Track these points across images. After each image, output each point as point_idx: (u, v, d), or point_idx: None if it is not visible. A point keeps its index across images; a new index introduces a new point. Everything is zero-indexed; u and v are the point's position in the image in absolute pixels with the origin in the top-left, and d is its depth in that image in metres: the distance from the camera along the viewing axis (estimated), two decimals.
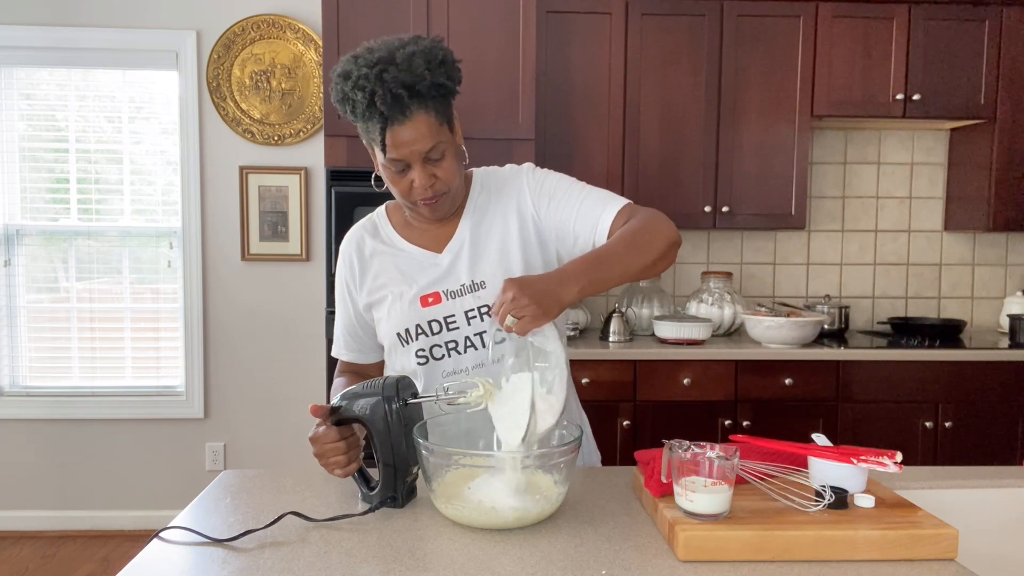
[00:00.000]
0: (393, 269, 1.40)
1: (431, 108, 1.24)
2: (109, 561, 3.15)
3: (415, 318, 1.35)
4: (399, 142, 1.23)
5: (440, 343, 1.35)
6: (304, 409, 3.65)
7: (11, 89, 3.39)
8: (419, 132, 1.23)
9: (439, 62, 1.24)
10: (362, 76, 1.20)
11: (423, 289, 1.36)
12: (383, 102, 1.18)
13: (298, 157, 3.39)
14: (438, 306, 1.35)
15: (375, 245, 1.43)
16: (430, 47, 1.24)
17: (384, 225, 1.46)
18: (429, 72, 1.21)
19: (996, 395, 2.92)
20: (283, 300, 3.43)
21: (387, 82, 1.18)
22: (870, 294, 3.55)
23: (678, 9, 3.06)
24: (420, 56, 1.21)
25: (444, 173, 1.29)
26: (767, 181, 3.14)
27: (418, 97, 1.21)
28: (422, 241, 1.41)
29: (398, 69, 1.19)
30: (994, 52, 3.10)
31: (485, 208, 1.40)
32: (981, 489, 1.30)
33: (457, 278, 1.36)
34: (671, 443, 1.08)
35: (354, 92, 1.20)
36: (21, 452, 3.45)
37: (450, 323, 1.35)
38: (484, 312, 1.34)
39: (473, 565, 0.98)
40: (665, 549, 1.03)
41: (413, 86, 1.20)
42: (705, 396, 2.88)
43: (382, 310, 1.39)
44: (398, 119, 1.21)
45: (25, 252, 3.46)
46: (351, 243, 1.46)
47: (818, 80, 3.09)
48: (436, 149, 1.26)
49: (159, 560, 1.01)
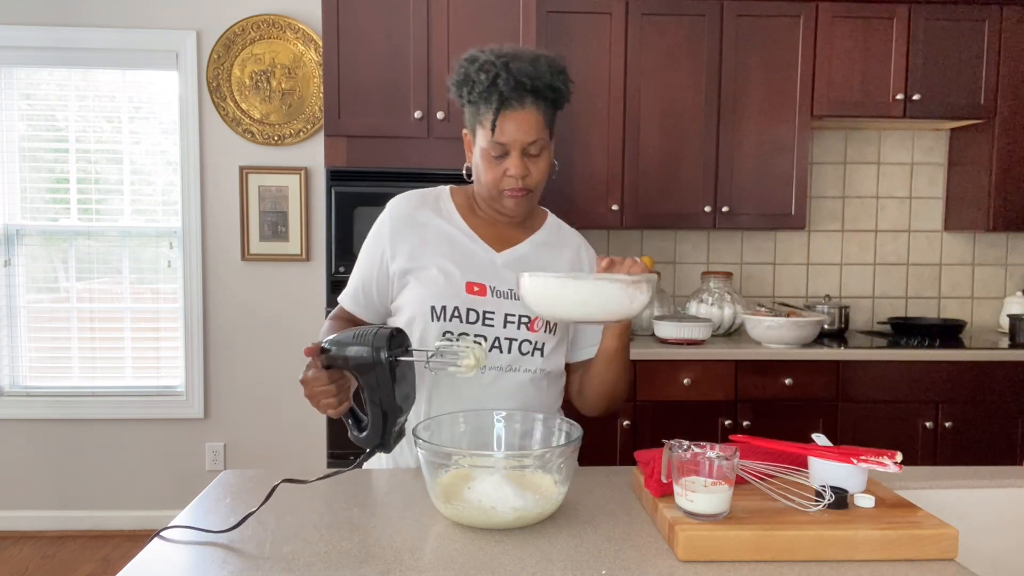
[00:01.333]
0: (445, 244, 1.41)
1: (542, 107, 1.33)
2: (109, 561, 3.15)
3: (456, 300, 1.36)
4: (508, 127, 1.31)
5: (470, 333, 1.36)
6: (304, 409, 3.67)
7: (11, 89, 3.39)
8: (528, 123, 1.31)
9: (559, 71, 1.34)
10: (488, 62, 1.30)
11: (472, 276, 1.38)
12: (505, 84, 1.28)
13: (298, 157, 3.39)
14: (482, 298, 1.37)
15: (430, 216, 1.44)
16: (554, 58, 1.34)
17: (446, 202, 1.47)
18: (550, 75, 1.31)
19: (996, 395, 2.92)
20: (283, 300, 3.44)
21: (512, 71, 1.29)
22: (870, 294, 3.55)
23: (678, 9, 3.06)
24: (544, 60, 1.32)
25: (536, 171, 1.36)
26: (767, 181, 3.14)
27: (535, 92, 1.31)
28: (483, 232, 1.43)
29: (522, 63, 1.30)
30: (994, 52, 3.10)
31: (551, 244, 1.48)
32: (981, 489, 1.30)
33: (507, 281, 1.39)
34: (671, 443, 1.08)
35: (478, 73, 1.30)
36: (21, 452, 3.45)
37: (488, 318, 1.36)
38: (524, 322, 1.37)
39: (473, 565, 0.98)
40: (665, 549, 1.03)
41: (534, 80, 1.30)
42: (705, 396, 2.88)
43: (420, 279, 1.38)
44: (513, 105, 1.30)
45: (25, 252, 3.46)
46: (403, 206, 1.45)
47: (818, 80, 3.09)
48: (536, 145, 1.33)
49: (159, 560, 1.01)
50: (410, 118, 2.82)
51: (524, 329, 1.37)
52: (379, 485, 1.29)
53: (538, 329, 1.38)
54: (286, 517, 1.14)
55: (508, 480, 1.10)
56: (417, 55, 2.81)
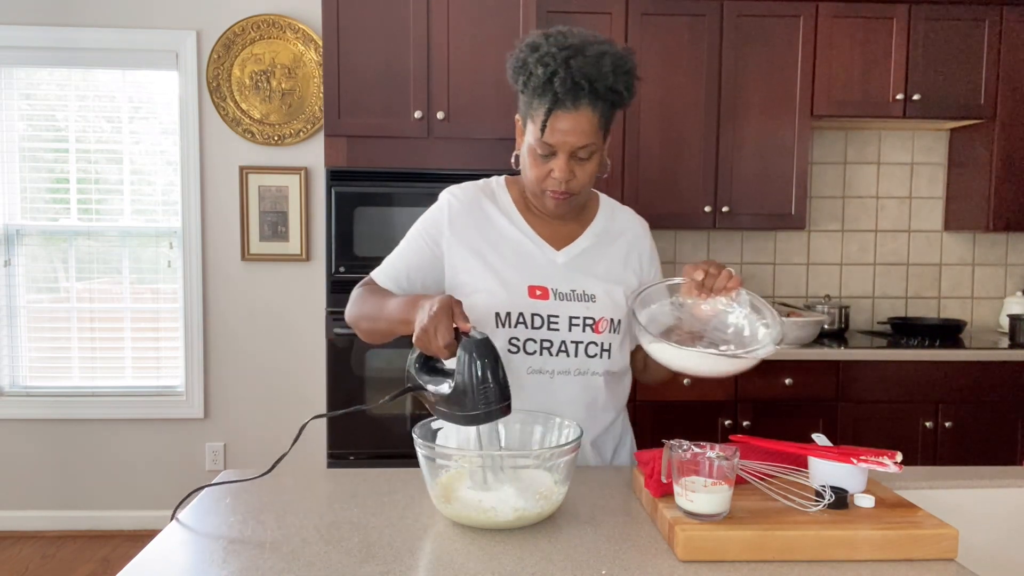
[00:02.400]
0: (505, 245, 1.37)
1: (599, 109, 1.26)
2: (109, 561, 3.15)
3: (519, 306, 1.33)
4: (558, 128, 1.25)
5: (536, 338, 1.34)
6: (303, 409, 3.66)
7: (11, 89, 3.39)
8: (580, 126, 1.25)
9: (624, 71, 1.26)
10: (549, 54, 1.23)
11: (534, 280, 1.35)
12: (561, 84, 1.21)
13: (298, 157, 3.39)
14: (545, 302, 1.34)
15: (492, 209, 1.40)
16: (621, 54, 1.26)
17: (503, 195, 1.43)
18: (613, 75, 1.24)
19: (996, 395, 2.92)
20: (283, 300, 3.44)
21: (572, 68, 1.21)
22: (870, 294, 3.55)
23: (678, 9, 3.05)
24: (609, 58, 1.24)
25: (583, 175, 1.31)
26: (767, 181, 3.14)
27: (593, 93, 1.23)
28: (541, 230, 1.40)
29: (585, 60, 1.22)
30: (994, 52, 3.10)
31: (611, 230, 1.44)
32: (981, 489, 1.30)
33: (568, 282, 1.36)
34: (671, 443, 1.08)
35: (536, 66, 1.24)
36: (21, 452, 3.45)
37: (552, 322, 1.34)
38: (589, 324, 1.35)
39: (473, 565, 0.98)
40: (665, 549, 1.03)
41: (593, 81, 1.22)
42: (705, 396, 2.88)
43: (483, 281, 1.35)
44: (567, 106, 1.23)
45: (25, 252, 3.46)
46: (462, 196, 1.41)
47: (818, 80, 3.09)
48: (586, 149, 1.27)
49: (159, 560, 1.01)
50: (410, 118, 2.82)
51: (590, 331, 1.35)
52: (379, 485, 1.29)
53: (603, 331, 1.36)
54: (286, 517, 1.14)
55: (508, 480, 1.10)
56: (417, 55, 2.81)
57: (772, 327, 1.23)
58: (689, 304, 1.28)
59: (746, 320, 1.26)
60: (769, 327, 1.24)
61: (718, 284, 1.24)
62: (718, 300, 1.27)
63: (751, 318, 1.27)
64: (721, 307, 1.28)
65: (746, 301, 1.27)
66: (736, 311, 1.28)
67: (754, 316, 1.26)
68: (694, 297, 1.27)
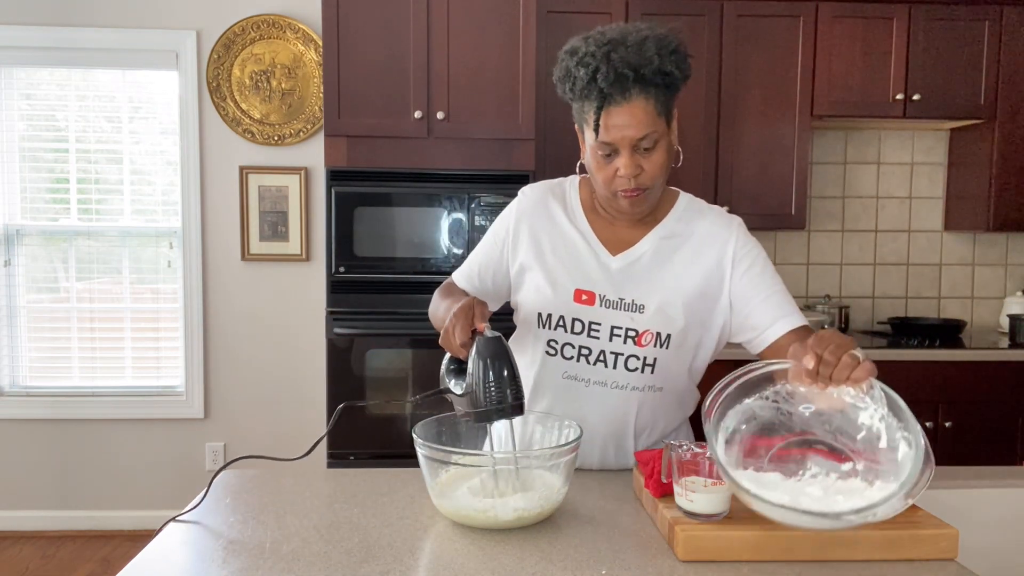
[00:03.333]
0: (561, 246, 1.35)
1: (652, 95, 1.19)
2: (109, 561, 3.15)
3: (562, 308, 1.31)
4: (613, 124, 1.19)
5: (574, 344, 1.31)
6: (303, 410, 3.66)
7: (11, 89, 3.39)
8: (635, 117, 1.19)
9: (671, 50, 1.20)
10: (588, 54, 1.19)
11: (582, 283, 1.31)
12: (605, 79, 1.16)
13: (298, 157, 3.39)
14: (590, 307, 1.30)
15: (556, 209, 1.38)
16: (664, 35, 1.21)
17: (573, 196, 1.40)
18: (659, 57, 1.18)
19: (996, 395, 2.92)
20: (283, 300, 3.43)
21: (613, 61, 1.16)
22: (870, 294, 3.55)
23: (678, 9, 3.05)
24: (652, 41, 1.18)
25: (651, 166, 1.23)
26: (767, 181, 3.14)
27: (641, 81, 1.18)
28: (601, 233, 1.35)
29: (627, 50, 1.17)
30: (994, 52, 3.10)
31: (681, 233, 1.34)
32: (981, 489, 1.30)
33: (619, 289, 1.31)
34: (671, 443, 1.08)
35: (577, 68, 1.19)
36: (21, 452, 3.45)
37: (593, 329, 1.30)
38: (632, 336, 1.29)
39: (473, 565, 0.98)
40: (665, 549, 1.03)
41: (639, 68, 1.17)
42: (705, 396, 2.87)
43: (533, 279, 1.34)
44: (616, 100, 1.18)
45: (25, 252, 3.46)
46: (531, 195, 1.40)
47: (818, 80, 3.09)
48: (648, 138, 1.20)
49: (159, 560, 1.01)
50: (410, 118, 2.82)
51: (631, 344, 1.29)
52: (379, 485, 1.29)
53: (646, 344, 1.29)
54: (286, 517, 1.14)
55: (508, 480, 1.10)
56: (417, 55, 2.81)
57: (914, 443, 0.90)
58: (802, 394, 0.99)
59: (883, 423, 0.94)
60: (911, 443, 0.91)
61: (838, 375, 0.95)
62: (844, 390, 0.97)
63: (889, 421, 0.94)
64: (849, 399, 0.97)
65: (881, 397, 0.95)
66: (869, 408, 0.95)
67: (892, 418, 0.94)
68: (807, 386, 0.98)
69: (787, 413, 0.99)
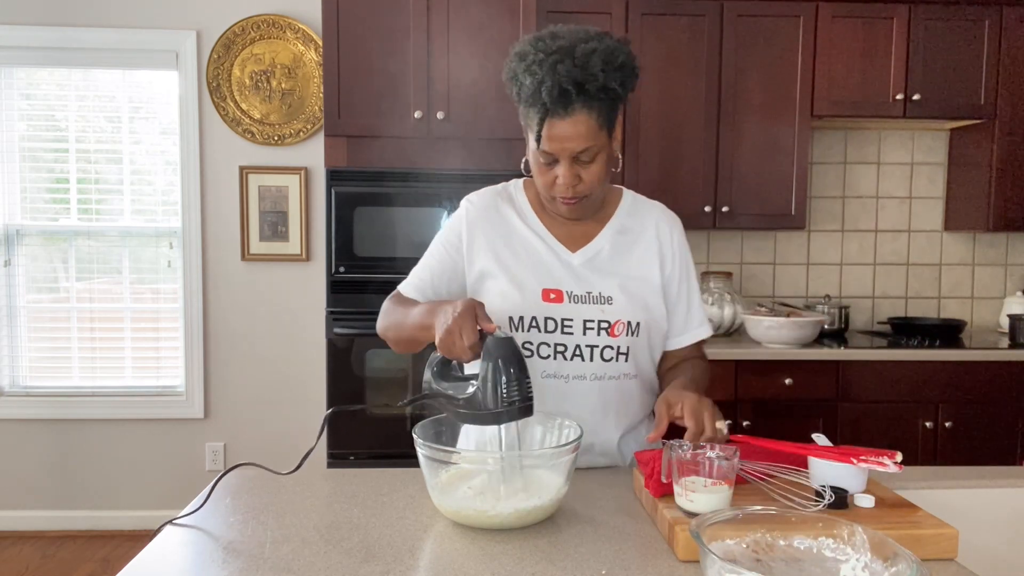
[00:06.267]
0: (521, 248, 1.37)
1: (594, 109, 1.22)
2: (109, 561, 3.15)
3: (532, 309, 1.33)
4: (554, 136, 1.22)
5: (549, 342, 1.33)
6: (303, 409, 3.66)
7: (11, 89, 3.39)
8: (576, 131, 1.22)
9: (617, 65, 1.22)
10: (536, 62, 1.20)
11: (548, 283, 1.34)
12: (548, 93, 1.18)
13: (298, 157, 3.39)
14: (559, 305, 1.33)
15: (509, 212, 1.40)
16: (612, 48, 1.22)
17: (521, 198, 1.42)
18: (603, 73, 1.19)
19: (996, 395, 2.92)
20: (283, 300, 3.44)
21: (559, 74, 1.18)
22: (870, 294, 3.55)
23: (678, 9, 3.05)
24: (599, 55, 1.20)
25: (590, 177, 1.27)
26: (767, 181, 3.14)
27: (585, 96, 1.20)
28: (557, 231, 1.39)
29: (573, 64, 1.18)
30: (994, 52, 3.10)
31: (632, 228, 1.40)
32: (981, 489, 1.30)
33: (584, 284, 1.35)
34: (671, 443, 1.08)
35: (524, 75, 1.22)
36: (21, 452, 3.45)
37: (566, 326, 1.33)
38: (604, 328, 1.33)
39: (473, 565, 0.98)
40: (665, 549, 1.03)
41: (583, 84, 1.19)
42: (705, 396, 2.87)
43: (498, 284, 1.35)
44: (559, 113, 1.20)
45: (25, 252, 3.46)
46: (479, 201, 1.42)
47: (818, 80, 3.09)
48: (588, 152, 1.24)
49: (159, 560, 1.01)
50: (410, 118, 2.82)
51: (605, 335, 1.33)
52: (379, 485, 1.29)
53: (619, 334, 1.34)
54: (286, 517, 1.14)
55: (508, 480, 1.10)
56: (417, 55, 2.81)
57: None
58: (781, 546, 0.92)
59: (866, 572, 0.86)
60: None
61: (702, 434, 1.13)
62: (823, 542, 0.90)
63: (874, 567, 0.85)
64: (830, 553, 0.90)
65: (863, 542, 0.88)
66: (851, 559, 0.88)
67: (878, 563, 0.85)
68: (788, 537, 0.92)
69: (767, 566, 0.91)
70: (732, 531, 0.90)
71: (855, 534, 0.89)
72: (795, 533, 0.91)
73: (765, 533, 0.92)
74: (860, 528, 0.89)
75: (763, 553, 0.93)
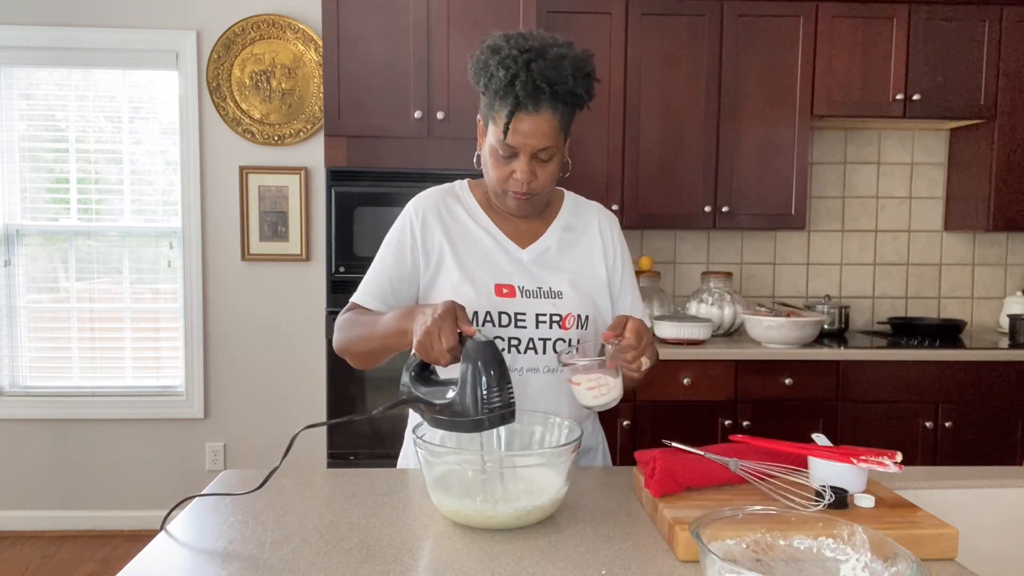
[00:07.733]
0: (470, 243, 1.40)
1: (559, 111, 1.28)
2: (109, 561, 3.15)
3: (486, 304, 1.35)
4: (520, 130, 1.26)
5: (504, 336, 1.35)
6: (303, 409, 3.66)
7: (11, 89, 3.39)
8: (541, 129, 1.27)
9: (584, 74, 1.28)
10: (510, 57, 1.24)
11: (500, 278, 1.37)
12: (523, 88, 1.23)
13: (298, 157, 3.39)
14: (512, 299, 1.36)
15: (457, 211, 1.43)
16: (581, 57, 1.28)
17: (468, 198, 1.46)
18: (572, 79, 1.26)
19: (996, 395, 2.92)
20: (283, 300, 3.44)
21: (533, 71, 1.23)
22: (870, 294, 3.55)
23: (678, 9, 3.06)
24: (570, 61, 1.26)
25: (544, 175, 1.33)
26: (767, 181, 3.14)
27: (554, 96, 1.26)
28: (506, 228, 1.43)
29: (546, 64, 1.24)
30: (994, 52, 3.10)
31: (577, 227, 1.46)
32: (981, 489, 1.30)
33: (535, 279, 1.39)
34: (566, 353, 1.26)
35: (497, 68, 1.25)
36: (21, 452, 3.45)
37: (519, 320, 1.36)
38: (556, 321, 1.36)
39: (473, 565, 0.98)
40: (665, 549, 1.03)
41: (554, 85, 1.24)
42: (705, 396, 2.88)
43: (449, 279, 1.37)
44: (528, 109, 1.25)
45: (25, 252, 3.46)
46: (427, 201, 1.43)
47: (818, 80, 3.09)
48: (547, 151, 1.30)
49: (159, 560, 1.01)
50: (410, 118, 2.82)
51: (556, 328, 1.36)
52: (379, 485, 1.29)
53: (570, 327, 1.37)
54: (286, 517, 1.14)
55: (508, 480, 1.10)
56: (417, 55, 2.81)
57: None
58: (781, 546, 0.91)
59: (866, 572, 0.85)
60: None
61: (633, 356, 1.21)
62: (823, 542, 0.90)
63: (874, 567, 0.84)
64: (829, 553, 0.89)
65: (863, 542, 0.87)
66: (851, 559, 0.87)
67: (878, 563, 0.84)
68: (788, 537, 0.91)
69: (767, 566, 0.91)
70: (732, 531, 0.90)
71: (855, 534, 0.89)
72: (795, 533, 0.91)
73: (765, 533, 0.92)
74: (860, 528, 0.89)
75: (763, 553, 0.92)
